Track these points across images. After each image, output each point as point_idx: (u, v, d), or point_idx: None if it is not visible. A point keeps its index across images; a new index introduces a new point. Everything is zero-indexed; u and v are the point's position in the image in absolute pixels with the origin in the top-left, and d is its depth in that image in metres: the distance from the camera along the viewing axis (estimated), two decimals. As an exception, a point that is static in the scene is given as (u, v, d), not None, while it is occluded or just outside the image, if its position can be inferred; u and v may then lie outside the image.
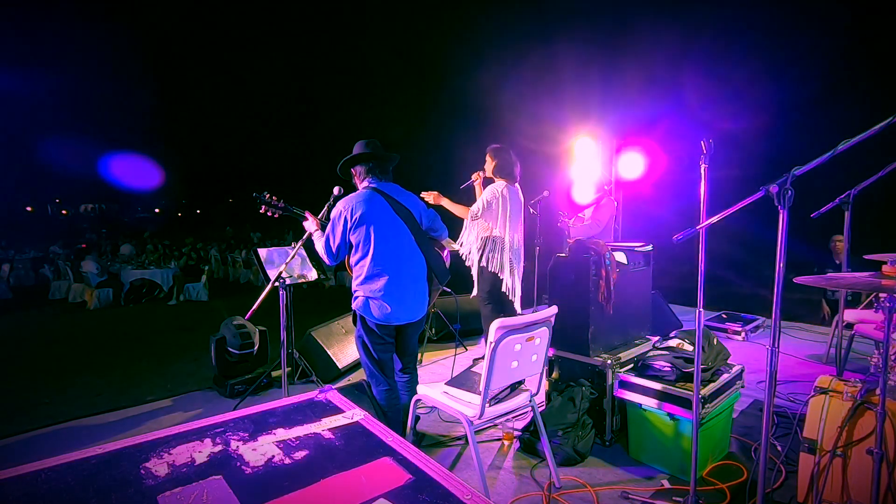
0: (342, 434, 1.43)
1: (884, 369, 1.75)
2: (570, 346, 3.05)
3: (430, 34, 10.67)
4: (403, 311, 2.67)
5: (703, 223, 1.93)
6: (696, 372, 2.11)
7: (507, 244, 3.84)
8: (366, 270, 2.62)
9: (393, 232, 2.65)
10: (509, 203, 3.85)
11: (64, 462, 1.23)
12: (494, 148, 3.97)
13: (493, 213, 3.84)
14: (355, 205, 2.60)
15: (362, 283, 2.65)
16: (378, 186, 2.70)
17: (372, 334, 2.68)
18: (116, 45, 17.55)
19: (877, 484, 1.74)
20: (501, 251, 3.85)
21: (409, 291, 2.69)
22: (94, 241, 16.43)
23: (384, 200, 2.66)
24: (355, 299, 2.69)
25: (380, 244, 2.60)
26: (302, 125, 22.18)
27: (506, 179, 3.90)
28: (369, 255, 2.61)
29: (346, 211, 2.60)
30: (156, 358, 5.31)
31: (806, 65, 5.47)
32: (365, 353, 2.73)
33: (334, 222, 2.62)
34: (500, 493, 2.47)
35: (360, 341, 2.73)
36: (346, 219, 2.59)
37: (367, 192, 2.66)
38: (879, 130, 1.59)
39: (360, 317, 2.69)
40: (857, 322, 3.63)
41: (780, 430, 3.01)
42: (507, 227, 3.84)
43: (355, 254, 2.66)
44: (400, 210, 2.69)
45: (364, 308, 2.65)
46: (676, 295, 5.71)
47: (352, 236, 2.62)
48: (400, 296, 2.64)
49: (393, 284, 2.62)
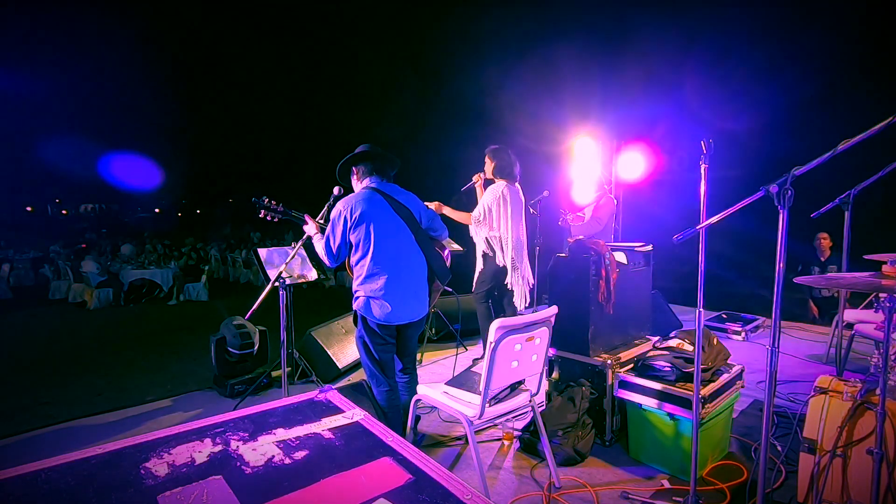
0: (342, 434, 1.43)
1: (884, 369, 1.75)
2: (570, 346, 3.05)
3: (429, 34, 10.68)
4: (404, 310, 2.67)
5: (703, 223, 1.93)
6: (696, 372, 2.11)
7: (510, 243, 3.89)
8: (366, 270, 2.62)
9: (393, 231, 2.64)
10: (510, 203, 3.90)
11: (64, 462, 1.24)
12: (493, 149, 4.00)
13: (494, 215, 3.87)
14: (354, 204, 2.59)
15: (363, 283, 2.64)
16: (377, 186, 2.70)
17: (373, 334, 2.68)
18: (117, 45, 17.56)
19: (877, 484, 1.74)
20: (504, 250, 3.89)
21: (410, 291, 2.69)
22: (94, 241, 16.42)
23: (384, 200, 2.65)
24: (356, 299, 2.69)
25: (380, 243, 2.60)
26: (302, 125, 22.18)
27: (505, 179, 3.94)
28: (369, 255, 2.60)
29: (346, 211, 2.59)
30: (156, 358, 5.31)
31: (806, 65, 5.47)
32: (366, 353, 2.73)
33: (334, 223, 2.61)
34: (500, 493, 2.47)
35: (361, 341, 2.73)
36: (346, 218, 2.59)
37: (366, 192, 2.66)
38: (879, 130, 1.59)
39: (362, 317, 2.68)
40: (857, 322, 3.63)
41: (780, 430, 3.01)
42: (510, 226, 3.89)
43: (355, 253, 2.65)
44: (400, 209, 2.68)
45: (365, 308, 2.65)
46: (676, 295, 5.71)
47: (351, 236, 2.61)
48: (401, 295, 2.64)
49: (393, 284, 2.62)
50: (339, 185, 2.89)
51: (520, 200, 4.02)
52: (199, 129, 24.59)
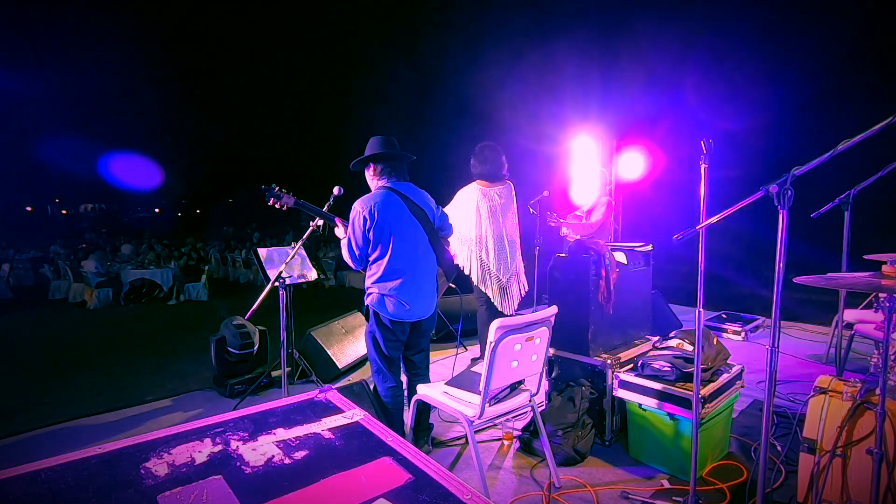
0: (342, 434, 1.43)
1: (884, 369, 1.74)
2: (570, 346, 3.05)
3: (428, 33, 10.67)
4: (417, 307, 2.69)
5: (703, 223, 1.93)
6: (696, 372, 2.11)
7: (486, 246, 3.80)
8: (382, 270, 2.63)
9: (410, 233, 2.67)
10: (482, 203, 3.79)
11: (64, 462, 1.24)
12: (477, 147, 3.89)
13: (463, 220, 3.79)
14: (373, 205, 2.61)
15: (378, 282, 2.65)
16: (393, 186, 2.71)
17: (385, 330, 2.68)
18: (117, 45, 17.55)
19: (877, 484, 1.74)
20: (476, 254, 3.83)
21: (423, 289, 2.72)
22: (94, 241, 16.42)
23: (400, 200, 2.67)
24: (369, 295, 2.69)
25: (397, 245, 2.62)
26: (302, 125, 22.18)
27: (485, 181, 3.83)
28: (387, 256, 2.62)
29: (364, 211, 2.60)
30: (156, 358, 5.30)
31: (806, 65, 5.47)
32: (375, 349, 2.73)
33: (353, 225, 2.62)
34: (500, 493, 2.47)
35: (371, 337, 2.72)
36: (365, 218, 2.60)
37: (383, 192, 2.67)
38: (879, 130, 1.59)
39: (374, 312, 2.68)
40: (857, 322, 3.63)
41: (780, 430, 3.01)
42: (483, 226, 3.80)
43: (372, 252, 2.66)
44: (415, 210, 2.71)
45: (379, 304, 2.65)
46: (676, 295, 5.70)
47: (370, 235, 2.62)
48: (415, 293, 2.66)
49: (409, 283, 2.64)
50: (339, 185, 2.89)
51: (500, 202, 3.85)
52: (199, 130, 24.59)
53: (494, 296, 3.86)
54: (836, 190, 3.11)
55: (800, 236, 3.02)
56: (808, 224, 3.07)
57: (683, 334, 3.11)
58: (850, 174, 3.08)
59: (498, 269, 3.84)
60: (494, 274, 3.84)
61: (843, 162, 1.76)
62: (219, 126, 23.97)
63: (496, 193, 3.85)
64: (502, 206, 3.87)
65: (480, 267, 3.84)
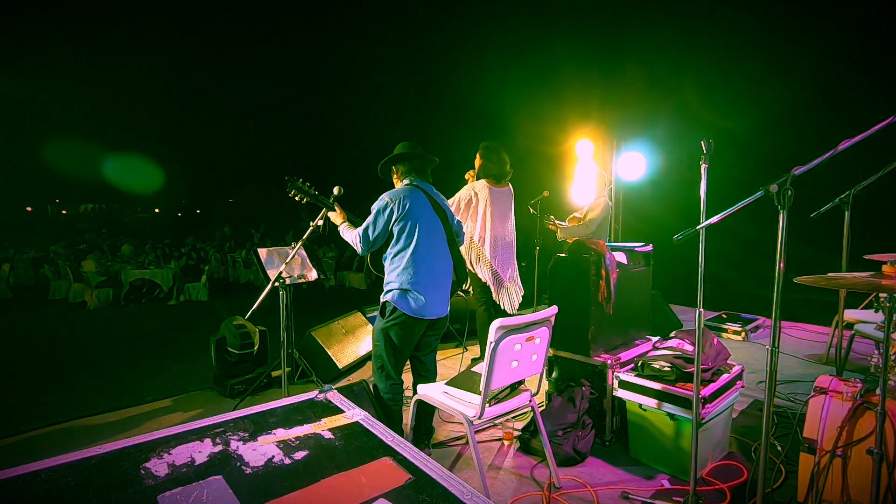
0: (342, 434, 1.43)
1: (884, 369, 1.75)
2: (570, 346, 3.05)
3: (431, 34, 10.68)
4: (435, 305, 2.70)
5: (703, 223, 1.93)
6: (696, 372, 2.11)
7: (487, 244, 3.83)
8: (405, 262, 2.64)
9: (433, 229, 2.71)
10: (490, 204, 3.81)
11: (64, 462, 1.24)
12: (483, 146, 3.91)
13: (468, 214, 3.82)
14: (403, 197, 2.63)
15: (399, 275, 2.65)
16: (418, 185, 2.76)
17: (403, 327, 2.67)
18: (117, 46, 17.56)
19: (877, 484, 1.74)
20: (480, 251, 3.85)
21: (441, 287, 2.74)
22: (94, 241, 16.40)
23: (426, 197, 2.72)
24: (388, 291, 2.69)
25: (421, 239, 2.65)
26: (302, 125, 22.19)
27: (491, 180, 3.86)
28: (411, 248, 2.63)
29: (393, 203, 2.62)
30: (156, 358, 5.30)
31: (806, 65, 5.47)
32: (386, 346, 2.71)
33: (378, 212, 2.64)
34: (500, 493, 2.47)
35: (384, 334, 2.70)
36: (393, 210, 2.61)
37: (411, 188, 2.71)
38: (879, 130, 1.59)
39: (393, 308, 2.66)
40: (857, 322, 3.63)
41: (780, 430, 3.01)
42: (488, 227, 3.82)
43: (395, 245, 2.67)
44: (438, 209, 2.76)
45: (399, 299, 2.64)
46: (676, 295, 5.71)
47: (395, 227, 2.64)
48: (433, 290, 2.68)
49: (428, 279, 2.66)
50: (339, 185, 2.89)
51: (504, 202, 3.90)
52: (199, 130, 24.60)
53: (496, 295, 3.87)
54: (836, 190, 3.11)
55: (800, 236, 3.02)
56: (807, 224, 3.07)
57: (683, 334, 3.11)
58: (850, 174, 3.08)
59: (500, 269, 3.86)
60: (498, 274, 3.86)
61: (843, 162, 1.76)
62: (219, 126, 23.98)
63: (502, 194, 3.90)
64: (506, 208, 3.91)
65: (485, 266, 3.86)
